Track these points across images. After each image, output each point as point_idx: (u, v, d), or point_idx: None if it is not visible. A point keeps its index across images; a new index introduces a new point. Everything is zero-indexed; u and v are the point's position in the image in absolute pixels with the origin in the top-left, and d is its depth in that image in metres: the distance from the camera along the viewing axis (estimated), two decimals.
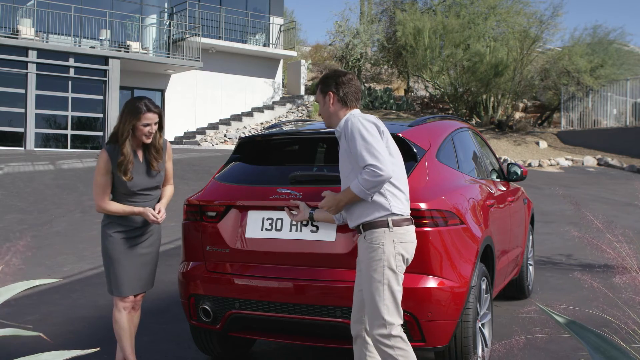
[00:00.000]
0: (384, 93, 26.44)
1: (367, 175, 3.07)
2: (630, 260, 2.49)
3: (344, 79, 3.37)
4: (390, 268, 3.14)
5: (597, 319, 2.71)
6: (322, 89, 3.41)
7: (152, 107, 3.74)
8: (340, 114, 3.35)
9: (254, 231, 3.84)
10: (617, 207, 11.99)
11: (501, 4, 24.56)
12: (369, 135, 3.12)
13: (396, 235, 3.17)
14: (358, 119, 3.20)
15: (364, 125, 3.15)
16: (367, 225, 3.19)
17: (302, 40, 37.47)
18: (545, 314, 1.94)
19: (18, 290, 1.88)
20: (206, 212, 4.01)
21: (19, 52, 19.55)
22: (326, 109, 3.38)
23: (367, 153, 3.08)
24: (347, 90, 3.35)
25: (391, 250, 3.15)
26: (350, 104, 3.35)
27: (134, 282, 3.86)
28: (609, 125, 23.32)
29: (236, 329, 3.97)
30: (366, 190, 3.10)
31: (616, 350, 1.75)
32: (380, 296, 3.12)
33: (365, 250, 3.20)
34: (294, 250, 3.73)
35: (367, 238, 3.19)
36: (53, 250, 8.42)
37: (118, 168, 3.74)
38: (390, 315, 3.12)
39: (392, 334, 3.10)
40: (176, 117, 24.28)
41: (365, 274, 3.19)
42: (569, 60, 23.07)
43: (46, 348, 2.55)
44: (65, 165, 15.98)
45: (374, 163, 3.05)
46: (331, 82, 3.37)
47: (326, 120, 3.44)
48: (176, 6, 25.14)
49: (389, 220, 3.16)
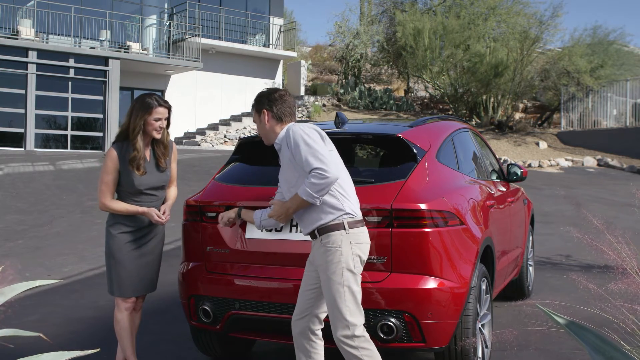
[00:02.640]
0: (384, 94, 26.44)
1: (314, 178, 3.10)
2: (630, 261, 2.49)
3: (276, 95, 3.42)
4: (349, 269, 3.17)
5: (596, 319, 2.71)
6: (256, 108, 3.46)
7: (162, 102, 3.80)
8: (276, 129, 3.40)
9: (253, 232, 3.84)
10: (617, 208, 11.99)
11: (501, 4, 24.56)
12: (311, 141, 3.17)
13: (352, 237, 3.20)
14: (299, 127, 3.26)
15: (305, 132, 3.21)
16: (323, 229, 3.22)
17: (302, 40, 37.51)
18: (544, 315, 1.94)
19: (18, 291, 1.88)
20: (206, 213, 4.01)
21: (19, 52, 19.55)
22: (262, 127, 3.43)
23: (312, 157, 3.12)
24: (280, 106, 3.39)
25: (349, 252, 3.18)
26: (285, 119, 3.40)
27: (136, 284, 3.86)
28: (609, 125, 23.32)
29: (236, 329, 3.96)
30: (314, 193, 3.13)
31: (616, 350, 1.76)
32: (341, 298, 3.15)
33: (323, 254, 3.22)
34: (294, 251, 3.73)
35: (324, 242, 3.22)
36: (53, 251, 8.42)
37: (130, 164, 3.75)
38: (352, 316, 3.15)
39: (355, 335, 3.14)
40: (176, 118, 23.95)
41: (324, 277, 3.22)
42: (569, 60, 23.07)
43: (46, 349, 2.55)
44: (65, 165, 15.99)
45: (320, 166, 3.09)
46: (264, 100, 3.42)
47: (264, 137, 3.48)
48: (176, 7, 25.14)
49: (345, 222, 3.20)
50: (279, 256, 3.78)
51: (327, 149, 3.22)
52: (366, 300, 3.53)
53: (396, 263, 3.51)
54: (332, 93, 27.02)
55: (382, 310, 3.50)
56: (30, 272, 7.17)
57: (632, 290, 2.36)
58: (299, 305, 3.42)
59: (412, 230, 3.50)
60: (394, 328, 3.49)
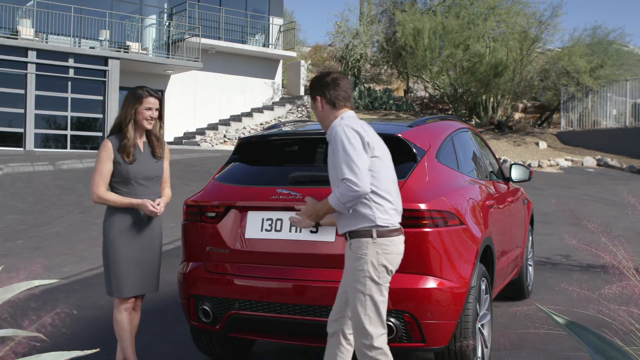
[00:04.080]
0: (384, 94, 26.44)
1: (343, 189, 3.02)
2: (627, 263, 2.49)
3: (329, 79, 3.31)
4: (372, 279, 3.10)
5: (596, 319, 2.71)
6: (310, 94, 3.40)
7: (153, 92, 3.89)
8: (330, 116, 3.29)
9: (253, 232, 3.84)
10: (616, 208, 11.99)
11: (501, 4, 24.56)
12: (350, 148, 3.05)
13: (380, 246, 3.12)
14: (343, 128, 3.12)
15: (347, 136, 3.09)
16: (353, 234, 3.16)
17: (302, 40, 37.51)
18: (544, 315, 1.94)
19: (18, 291, 1.88)
20: (206, 213, 4.01)
21: (18, 52, 19.55)
22: (318, 113, 3.35)
23: (346, 166, 3.03)
24: (334, 91, 3.28)
25: (374, 261, 3.10)
26: (338, 105, 3.28)
27: (134, 283, 3.85)
28: (608, 125, 23.32)
29: (236, 329, 3.96)
30: (342, 203, 3.06)
31: (615, 350, 1.76)
32: (362, 307, 3.09)
33: (350, 259, 3.17)
34: (294, 250, 3.73)
35: (353, 247, 3.16)
36: (53, 251, 8.41)
37: (120, 151, 3.79)
38: (372, 325, 3.09)
39: (373, 345, 3.08)
40: (176, 118, 24.27)
41: (349, 283, 3.17)
42: (568, 60, 23.07)
43: (46, 349, 2.55)
44: (65, 165, 15.98)
45: (351, 178, 3.00)
46: (317, 86, 3.33)
47: (321, 123, 3.41)
48: (176, 7, 25.14)
49: (373, 231, 3.11)
50: (279, 256, 3.78)
51: (367, 157, 3.09)
52: None
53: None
54: None
55: None
56: (29, 272, 7.17)
57: (627, 293, 2.36)
58: (336, 306, 3.35)
59: (411, 230, 3.49)
60: (393, 328, 3.48)
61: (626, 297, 2.43)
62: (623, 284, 2.36)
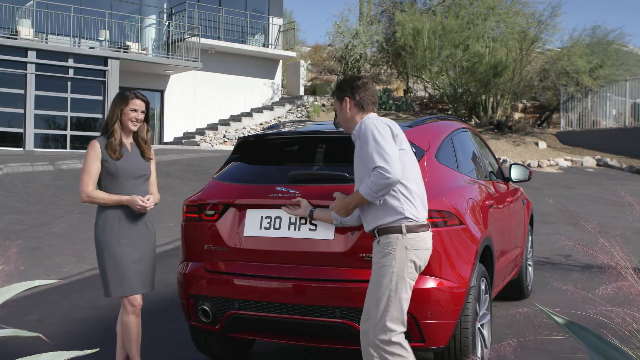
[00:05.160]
0: (383, 94, 26.44)
1: (375, 177, 3.04)
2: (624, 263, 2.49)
3: (359, 83, 3.38)
4: (399, 275, 3.09)
5: (595, 319, 2.71)
6: (338, 95, 3.42)
7: (140, 95, 3.95)
8: (357, 119, 3.35)
9: (252, 229, 3.84)
10: (616, 208, 11.99)
11: (500, 4, 24.56)
12: (380, 137, 3.11)
13: (409, 241, 3.12)
14: (372, 121, 3.21)
15: (377, 127, 3.15)
16: (381, 230, 3.18)
17: (302, 40, 37.51)
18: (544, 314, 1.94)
19: (17, 291, 1.88)
20: (205, 211, 4.01)
21: (18, 52, 19.55)
22: (343, 115, 3.39)
23: (377, 154, 3.06)
24: (363, 94, 3.35)
25: (403, 257, 3.10)
26: (366, 108, 3.36)
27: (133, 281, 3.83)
28: (608, 125, 23.33)
29: (235, 329, 3.96)
30: (374, 192, 3.07)
31: (615, 350, 1.76)
32: (385, 302, 3.09)
33: (378, 254, 3.18)
34: (292, 248, 3.73)
35: (381, 243, 3.17)
36: (52, 251, 8.41)
37: (107, 149, 3.84)
38: (393, 322, 3.09)
39: (392, 341, 3.08)
40: (175, 118, 24.27)
41: (374, 277, 3.17)
42: (568, 60, 23.07)
43: (45, 349, 2.55)
44: (65, 165, 15.97)
45: (382, 165, 3.03)
46: (346, 88, 3.38)
47: (344, 125, 3.44)
48: (175, 7, 25.13)
49: (403, 226, 3.12)
50: (278, 254, 3.78)
51: (397, 148, 3.15)
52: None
53: None
54: (331, 93, 26.96)
55: None
56: (29, 272, 7.17)
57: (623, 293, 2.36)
58: (366, 305, 3.32)
59: None
60: None
61: (622, 297, 2.44)
62: (618, 285, 2.36)
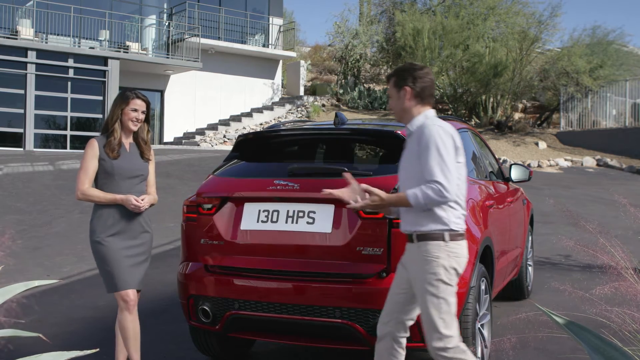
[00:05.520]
0: (383, 94, 26.41)
1: (432, 192, 2.94)
2: (624, 263, 2.49)
3: (421, 72, 3.18)
4: (444, 282, 3.04)
5: (595, 320, 2.71)
6: (397, 83, 3.22)
7: (141, 95, 3.96)
8: (414, 111, 3.19)
9: (249, 223, 3.83)
10: (616, 208, 11.98)
11: (500, 4, 24.55)
12: (445, 151, 2.98)
13: (450, 249, 3.06)
14: (438, 129, 3.04)
15: (442, 138, 3.01)
16: (422, 236, 3.08)
17: (302, 41, 37.49)
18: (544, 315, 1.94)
19: (17, 291, 1.88)
20: (202, 205, 4.00)
21: (18, 52, 19.54)
22: (400, 104, 3.21)
23: (439, 168, 2.95)
24: (424, 85, 3.17)
25: (445, 264, 3.04)
26: (426, 101, 3.19)
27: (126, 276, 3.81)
28: (608, 125, 23.32)
29: (235, 329, 3.96)
30: (423, 204, 2.97)
31: (615, 351, 1.76)
32: (436, 310, 3.03)
33: (419, 261, 3.09)
34: (290, 242, 3.71)
35: (422, 249, 3.08)
36: (52, 251, 8.41)
37: (105, 148, 3.85)
38: (447, 328, 3.04)
39: (448, 347, 3.03)
40: (175, 118, 24.26)
41: (418, 286, 3.09)
42: (568, 60, 23.06)
43: (45, 349, 2.54)
44: (65, 165, 15.97)
45: (443, 182, 2.93)
46: (407, 76, 3.18)
47: (397, 115, 3.27)
48: (175, 7, 25.12)
49: (446, 234, 3.05)
50: (274, 247, 3.77)
51: (455, 162, 3.04)
52: (365, 300, 3.53)
53: (395, 263, 3.51)
54: (331, 93, 27.01)
55: (381, 310, 3.49)
56: (29, 272, 7.17)
57: (621, 293, 2.36)
58: (386, 308, 3.28)
59: None
60: None
61: (621, 297, 2.44)
62: (616, 285, 2.36)
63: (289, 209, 3.74)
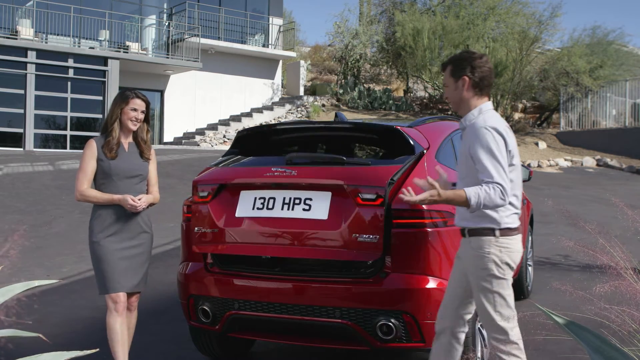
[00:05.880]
0: (383, 94, 26.43)
1: (494, 194, 2.89)
2: (624, 263, 2.49)
3: (480, 61, 3.09)
4: (496, 276, 3.03)
5: (595, 320, 2.71)
6: (454, 72, 3.13)
7: (141, 95, 3.95)
8: (472, 103, 3.12)
9: (245, 211, 3.79)
10: (615, 208, 11.98)
11: (500, 4, 24.57)
12: (498, 152, 2.94)
13: (501, 244, 3.03)
14: (490, 131, 2.98)
15: (495, 140, 2.96)
16: (472, 231, 3.07)
17: (302, 41, 37.49)
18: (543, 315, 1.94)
19: (17, 291, 1.88)
20: (198, 193, 3.97)
21: (18, 52, 19.54)
22: (457, 94, 3.13)
23: (495, 170, 2.91)
24: (483, 74, 3.09)
25: (497, 259, 3.02)
26: (484, 91, 3.11)
27: (119, 279, 3.80)
28: (608, 125, 23.33)
29: (235, 329, 3.96)
30: (483, 204, 2.91)
31: (615, 351, 1.75)
32: (491, 304, 3.03)
33: (472, 257, 3.08)
34: (285, 228, 3.67)
35: (473, 245, 3.07)
36: (52, 251, 8.41)
37: (103, 148, 3.85)
38: (505, 321, 3.03)
39: (509, 339, 3.03)
40: (175, 118, 24.26)
41: (473, 281, 3.09)
42: (568, 61, 23.08)
43: (45, 349, 2.54)
44: (65, 165, 15.97)
45: (503, 184, 2.89)
46: (466, 65, 3.09)
47: (454, 105, 3.21)
48: (175, 7, 25.13)
49: (496, 230, 3.03)
50: (270, 234, 3.72)
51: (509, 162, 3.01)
52: (365, 300, 3.53)
53: (395, 263, 3.51)
54: (331, 93, 27.01)
55: (381, 310, 3.49)
56: (29, 272, 7.17)
57: (621, 292, 2.36)
58: (444, 302, 3.27)
59: (411, 230, 3.49)
60: (393, 328, 3.48)
61: (620, 296, 2.44)
62: (616, 284, 2.36)
63: (286, 196, 3.69)
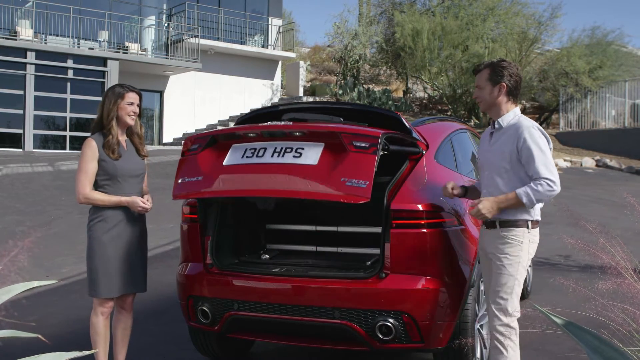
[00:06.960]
0: (383, 94, 26.42)
1: (542, 187, 3.19)
2: (624, 263, 2.49)
3: (516, 70, 3.41)
4: (523, 266, 3.30)
5: (594, 320, 2.71)
6: (492, 78, 3.39)
7: (133, 88, 3.92)
8: (504, 108, 3.41)
9: (233, 159, 3.72)
10: (615, 209, 11.99)
11: (500, 5, 24.57)
12: (546, 149, 3.26)
13: (532, 236, 3.33)
14: (535, 130, 3.29)
15: (542, 137, 3.28)
16: (505, 223, 3.32)
17: (301, 41, 37.52)
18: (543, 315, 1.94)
19: (17, 292, 1.88)
20: (189, 147, 3.89)
21: (17, 53, 19.53)
22: (492, 98, 3.40)
23: (544, 166, 3.21)
24: (517, 83, 3.40)
25: (527, 248, 3.31)
26: (516, 98, 3.43)
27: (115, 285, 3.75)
28: (607, 126, 23.33)
29: (235, 330, 3.96)
30: (535, 200, 3.22)
31: (614, 351, 1.76)
32: (509, 289, 3.27)
33: (502, 244, 3.32)
34: (274, 173, 3.56)
35: (504, 233, 3.31)
36: (51, 252, 8.41)
37: (105, 148, 3.75)
38: (514, 308, 3.28)
39: (510, 325, 3.27)
40: (175, 118, 24.26)
41: (497, 265, 3.32)
42: (567, 61, 23.07)
43: (45, 349, 2.54)
44: (64, 166, 15.97)
45: (552, 178, 3.20)
46: (505, 72, 3.38)
47: (485, 106, 3.47)
48: (175, 7, 25.12)
49: (529, 222, 3.31)
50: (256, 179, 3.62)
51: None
52: (365, 301, 3.53)
53: (395, 264, 3.51)
54: (330, 94, 27.01)
55: (380, 310, 3.49)
56: (28, 272, 7.17)
57: (622, 291, 2.36)
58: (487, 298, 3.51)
59: (410, 231, 3.50)
60: (392, 329, 3.48)
61: (621, 295, 2.44)
62: (617, 282, 2.37)
63: (277, 146, 3.62)
